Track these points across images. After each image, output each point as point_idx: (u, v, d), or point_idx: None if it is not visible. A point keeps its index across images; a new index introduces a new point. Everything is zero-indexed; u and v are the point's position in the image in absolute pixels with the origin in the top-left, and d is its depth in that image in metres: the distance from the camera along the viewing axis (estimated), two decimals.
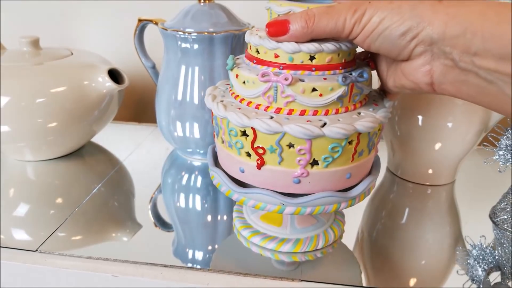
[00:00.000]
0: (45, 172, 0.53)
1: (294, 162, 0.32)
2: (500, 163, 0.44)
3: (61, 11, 0.74)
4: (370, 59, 0.36)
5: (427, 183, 0.52)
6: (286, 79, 0.31)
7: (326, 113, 0.32)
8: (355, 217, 0.46)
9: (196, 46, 0.49)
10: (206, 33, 0.48)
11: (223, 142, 0.36)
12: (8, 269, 0.38)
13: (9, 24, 0.76)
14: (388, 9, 0.29)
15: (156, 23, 0.53)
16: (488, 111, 0.48)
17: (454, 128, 0.48)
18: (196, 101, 0.50)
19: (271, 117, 0.32)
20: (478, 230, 0.44)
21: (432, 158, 0.50)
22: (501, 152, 0.44)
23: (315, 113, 0.32)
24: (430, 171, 0.51)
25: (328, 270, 0.37)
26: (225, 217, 0.45)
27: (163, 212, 0.47)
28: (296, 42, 0.32)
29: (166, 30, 0.49)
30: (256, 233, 0.39)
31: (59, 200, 0.47)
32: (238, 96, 0.35)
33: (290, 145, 0.31)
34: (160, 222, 0.45)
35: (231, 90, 0.37)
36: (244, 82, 0.34)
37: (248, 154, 0.33)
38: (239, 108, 0.33)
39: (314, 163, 0.32)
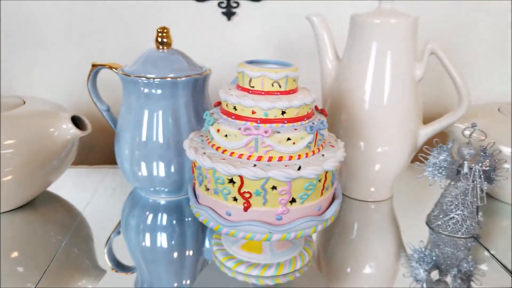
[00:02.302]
0: None
1: (276, 202, 0.40)
2: (429, 177, 0.55)
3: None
4: (323, 109, 0.45)
5: (370, 200, 0.63)
6: (266, 132, 0.39)
7: (299, 158, 0.41)
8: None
9: (159, 91, 0.55)
10: (169, 78, 0.54)
11: (207, 189, 0.42)
12: None
13: None
14: None
15: (110, 68, 0.58)
16: (415, 134, 0.59)
17: (390, 151, 0.58)
18: (161, 141, 0.56)
19: (254, 165, 0.39)
20: (416, 236, 0.55)
21: (373, 177, 0.61)
22: (429, 169, 0.55)
23: (290, 158, 0.40)
24: (372, 189, 0.62)
25: (308, 286, 0.45)
26: (194, 252, 0.50)
27: (124, 254, 0.50)
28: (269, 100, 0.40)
29: (128, 76, 0.54)
30: (240, 263, 0.46)
31: (16, 255, 0.48)
32: (219, 147, 0.42)
33: (273, 188, 0.39)
34: (119, 265, 0.48)
35: (210, 142, 0.43)
36: (226, 136, 0.41)
37: (235, 199, 0.40)
38: (223, 159, 0.40)
39: (293, 200, 0.40)
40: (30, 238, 0.52)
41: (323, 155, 0.42)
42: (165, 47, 0.57)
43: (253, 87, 0.42)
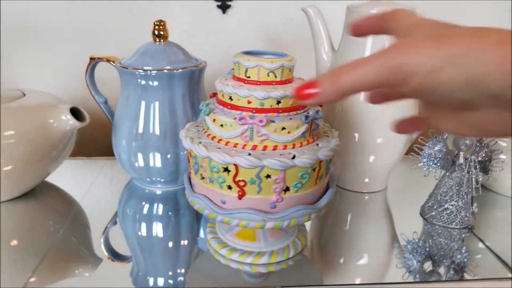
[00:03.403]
0: None
1: (270, 190, 0.41)
2: (424, 168, 0.56)
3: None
4: None
5: (365, 191, 0.64)
6: (261, 121, 0.40)
7: (293, 147, 0.41)
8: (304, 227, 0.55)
9: (156, 83, 0.55)
10: (166, 70, 0.54)
11: (202, 178, 0.43)
12: None
13: None
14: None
15: (108, 61, 0.58)
16: None
17: (385, 142, 0.59)
18: (157, 132, 0.57)
19: (249, 154, 0.40)
20: (410, 227, 0.56)
21: (367, 169, 0.61)
22: (424, 160, 0.56)
23: (285, 147, 0.41)
24: (366, 180, 0.63)
25: (300, 275, 0.46)
26: (188, 241, 0.51)
27: (120, 244, 0.51)
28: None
29: (126, 68, 0.55)
30: (234, 250, 0.47)
31: (15, 243, 0.49)
32: (215, 137, 0.42)
33: (268, 176, 0.40)
34: (115, 255, 0.49)
35: (206, 132, 0.44)
36: (222, 125, 0.41)
37: (229, 187, 0.41)
38: (219, 148, 0.41)
39: (287, 189, 0.41)
40: (30, 227, 0.53)
41: (317, 144, 0.43)
42: (161, 40, 0.58)
43: (249, 77, 0.42)
